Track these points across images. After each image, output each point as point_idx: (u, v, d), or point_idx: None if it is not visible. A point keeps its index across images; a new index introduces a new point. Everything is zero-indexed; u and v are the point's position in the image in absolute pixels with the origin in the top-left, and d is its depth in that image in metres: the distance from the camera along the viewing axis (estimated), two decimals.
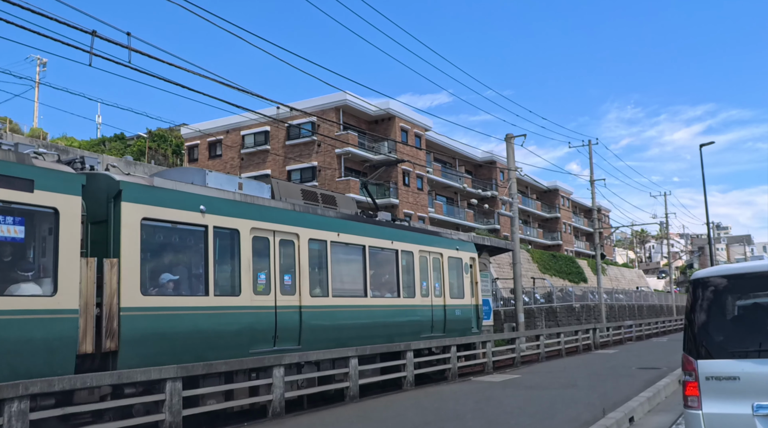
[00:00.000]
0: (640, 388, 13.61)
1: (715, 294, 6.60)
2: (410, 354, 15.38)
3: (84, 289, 9.27)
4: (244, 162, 52.78)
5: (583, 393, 13.28)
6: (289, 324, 12.68)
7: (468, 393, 14.01)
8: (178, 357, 10.35)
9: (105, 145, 60.39)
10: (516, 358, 21.07)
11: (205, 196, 11.41)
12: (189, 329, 10.68)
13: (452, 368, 17.14)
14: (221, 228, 11.57)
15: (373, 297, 15.35)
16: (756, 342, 6.08)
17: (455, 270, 18.83)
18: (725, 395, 6.06)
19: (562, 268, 58.21)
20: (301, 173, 50.03)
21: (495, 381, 16.33)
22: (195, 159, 55.60)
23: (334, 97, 48.29)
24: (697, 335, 6.45)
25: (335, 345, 13.60)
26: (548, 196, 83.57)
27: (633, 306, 53.68)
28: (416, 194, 53.13)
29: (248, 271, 11.94)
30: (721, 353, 6.23)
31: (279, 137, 51.44)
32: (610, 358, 22.46)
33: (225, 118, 53.29)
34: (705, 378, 6.20)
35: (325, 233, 14.01)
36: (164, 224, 10.73)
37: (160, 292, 10.51)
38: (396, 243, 16.34)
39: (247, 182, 13.18)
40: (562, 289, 42.69)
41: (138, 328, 9.87)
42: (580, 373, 17.19)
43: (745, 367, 5.99)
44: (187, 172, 12.46)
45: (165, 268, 10.83)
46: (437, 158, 61.23)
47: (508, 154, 27.50)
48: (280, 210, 13.00)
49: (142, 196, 10.26)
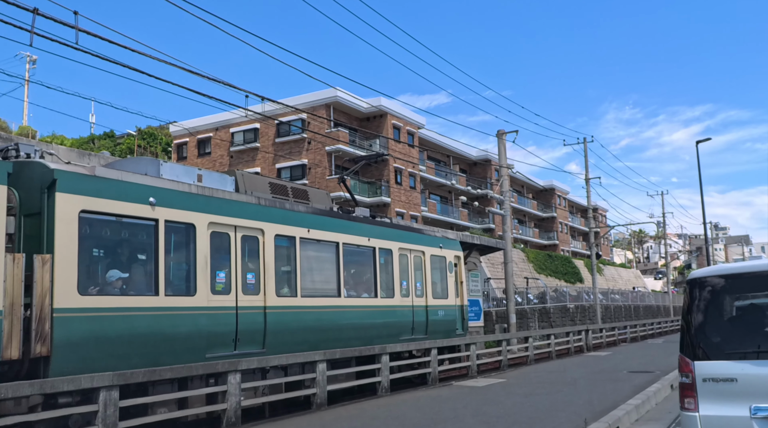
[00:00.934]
0: (629, 394, 12.73)
1: (713, 294, 6.38)
2: (385, 358, 14.43)
3: (9, 288, 8.37)
4: (234, 160, 51.69)
5: (568, 400, 12.39)
6: (252, 326, 11.77)
7: (446, 400, 13.08)
8: (124, 362, 9.47)
9: (94, 142, 59.47)
10: (503, 361, 20.22)
11: (155, 187, 10.48)
12: (136, 332, 9.76)
13: (432, 372, 16.16)
14: (174, 222, 10.66)
15: (347, 298, 14.44)
16: (754, 344, 5.88)
17: (438, 269, 17.92)
18: (722, 397, 5.86)
19: (558, 268, 57.21)
20: (291, 171, 48.99)
21: (477, 386, 15.42)
22: (184, 157, 54.24)
23: (324, 93, 47.23)
24: (694, 336, 6.25)
25: (305, 349, 12.72)
26: (544, 196, 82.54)
27: (629, 306, 52.80)
28: (408, 192, 52.00)
29: (205, 269, 11.02)
30: (719, 354, 6.03)
31: (269, 135, 50.38)
32: (601, 361, 21.56)
33: (214, 115, 52.11)
34: (702, 380, 6.00)
35: (294, 229, 13.09)
36: (107, 217, 9.81)
37: (102, 292, 9.60)
38: (373, 241, 15.42)
39: (208, 174, 12.30)
40: (556, 289, 41.95)
41: (74, 331, 8.97)
42: (568, 377, 16.36)
43: (742, 369, 5.80)
44: (140, 163, 11.56)
45: (108, 266, 9.91)
46: (431, 156, 60.16)
47: (499, 151, 26.78)
48: (243, 203, 12.08)
49: (80, 186, 9.35)
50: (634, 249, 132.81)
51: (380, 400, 13.36)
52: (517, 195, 75.02)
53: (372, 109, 50.19)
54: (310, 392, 12.45)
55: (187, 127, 50.68)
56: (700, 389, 6.00)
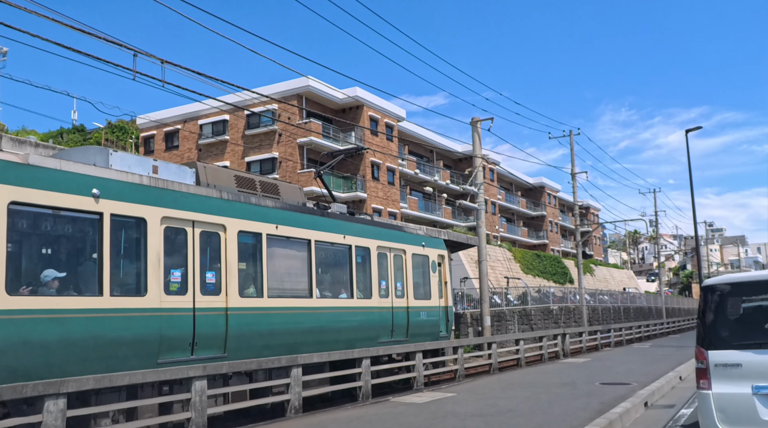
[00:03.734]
0: (591, 416, 10.53)
1: (722, 298, 7.75)
2: (296, 371, 11.85)
3: None
4: (202, 153, 49.25)
5: (513, 424, 10.17)
6: (211, 329, 10.86)
7: (370, 422, 10.71)
8: (60, 369, 8.55)
9: (63, 137, 58.10)
10: (458, 371, 17.18)
11: (99, 178, 9.56)
12: (76, 336, 8.85)
13: (363, 386, 13.32)
14: (122, 216, 9.74)
15: (320, 299, 13.54)
16: (755, 337, 7.34)
17: (420, 268, 17.01)
18: (730, 378, 7.28)
19: (546, 268, 55.40)
20: (261, 165, 46.47)
21: (418, 402, 12.77)
22: (151, 150, 51.83)
23: (295, 82, 44.59)
24: (708, 331, 7.63)
25: (273, 354, 11.81)
26: (534, 194, 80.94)
27: (618, 308, 50.41)
28: (387, 188, 49.48)
29: (157, 268, 10.11)
30: (727, 345, 7.43)
31: (239, 127, 47.94)
32: (575, 370, 18.68)
33: (182, 106, 49.44)
34: (714, 366, 7.40)
35: (260, 225, 12.18)
36: (42, 210, 8.90)
37: (37, 292, 8.68)
38: (350, 238, 14.52)
39: (165, 165, 11.35)
40: (539, 290, 39.81)
41: (2, 336, 8.05)
42: (528, 392, 13.85)
43: (746, 356, 7.24)
44: (88, 152, 10.64)
45: (43, 263, 8.98)
46: (413, 151, 57.75)
47: (474, 140, 25.02)
48: (201, 197, 11.16)
49: (9, 175, 8.44)
50: (629, 250, 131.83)
51: (290, 422, 11.02)
52: (505, 192, 73.59)
53: (348, 100, 47.74)
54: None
55: (155, 119, 48.64)
56: (712, 373, 7.41)
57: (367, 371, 13.39)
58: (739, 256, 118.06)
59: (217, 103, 35.93)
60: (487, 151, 61.94)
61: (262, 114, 36.71)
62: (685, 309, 73.74)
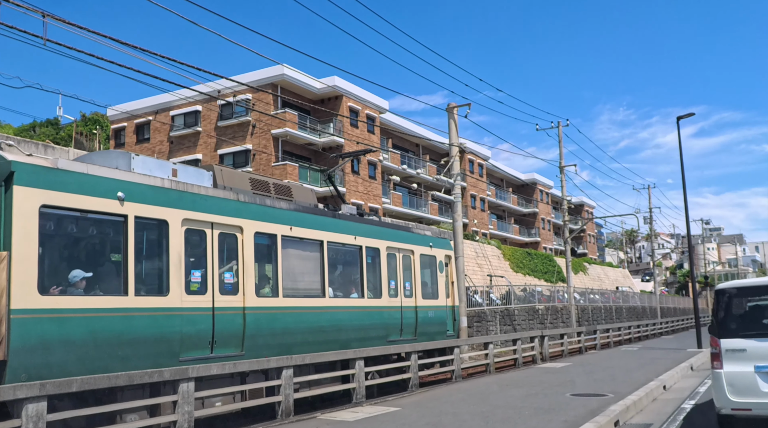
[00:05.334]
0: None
1: (730, 298, 9.85)
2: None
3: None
4: (174, 145, 47.71)
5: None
6: (230, 327, 11.17)
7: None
8: (88, 366, 8.85)
9: (35, 130, 57.44)
10: (411, 381, 15.09)
11: (124, 182, 9.85)
12: (102, 334, 9.14)
13: (284, 402, 11.31)
14: (145, 218, 10.04)
15: (333, 298, 13.86)
16: (757, 328, 9.45)
17: (428, 268, 17.34)
18: (737, 360, 9.32)
19: (537, 267, 54.64)
20: (234, 157, 45.01)
21: (348, 420, 11.03)
22: (122, 143, 50.50)
23: (270, 71, 42.77)
24: (720, 324, 9.68)
25: (287, 352, 12.13)
26: (526, 190, 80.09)
27: (610, 308, 49.07)
28: (368, 182, 47.84)
29: (179, 268, 10.41)
30: (735, 335, 9.50)
31: (211, 118, 46.30)
32: (548, 377, 16.84)
33: (153, 97, 47.58)
34: (725, 350, 9.45)
35: (275, 226, 12.48)
36: (71, 213, 9.18)
37: (66, 292, 8.96)
38: (360, 239, 14.84)
39: (184, 168, 11.63)
40: (524, 288, 38.28)
41: (34, 334, 8.34)
42: (484, 406, 11.97)
43: (750, 344, 9.31)
44: (110, 156, 10.89)
45: (73, 264, 9.26)
46: (397, 145, 56.13)
47: (449, 128, 23.86)
48: (220, 199, 11.45)
49: (41, 179, 8.72)
50: (626, 249, 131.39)
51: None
52: (495, 188, 72.85)
53: (326, 90, 45.90)
54: None
55: (126, 111, 47.32)
56: (723, 356, 9.43)
57: (288, 384, 11.46)
58: (737, 255, 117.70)
59: (190, 93, 35.12)
60: (476, 145, 60.95)
61: (236, 103, 35.55)
62: (681, 308, 72.00)
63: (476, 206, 65.04)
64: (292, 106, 44.94)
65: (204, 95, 19.20)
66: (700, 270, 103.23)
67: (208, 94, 17.85)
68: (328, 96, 46.82)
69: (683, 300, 79.75)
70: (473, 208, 64.20)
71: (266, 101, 43.63)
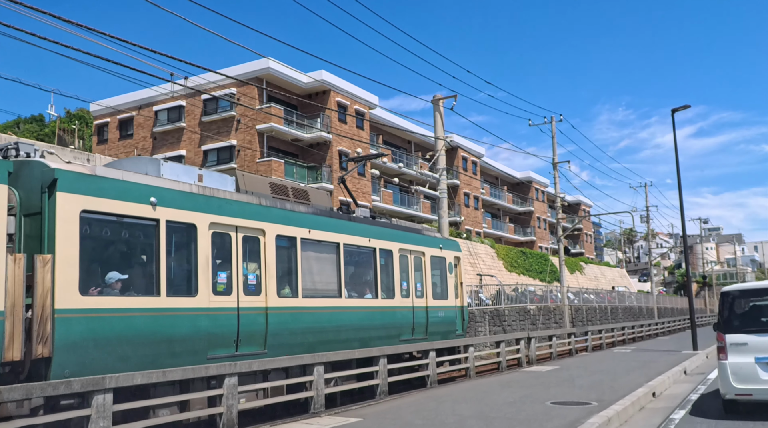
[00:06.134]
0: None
1: (734, 299, 11.52)
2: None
3: (11, 289, 8.22)
4: (157, 141, 46.79)
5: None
6: (253, 327, 11.68)
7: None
8: (124, 363, 9.34)
9: (19, 127, 56.87)
10: (379, 388, 13.83)
11: (157, 187, 10.35)
12: (137, 333, 9.63)
13: (226, 414, 10.32)
14: (175, 222, 10.53)
15: (348, 298, 14.36)
16: (757, 325, 11.12)
17: (438, 270, 17.87)
18: (740, 352, 10.86)
19: (532, 266, 53.37)
20: (218, 153, 44.14)
21: None
22: (105, 139, 49.45)
23: (254, 65, 41.61)
24: (725, 321, 11.30)
25: (305, 350, 12.65)
26: (521, 189, 78.92)
27: (605, 308, 48.04)
28: (357, 180, 46.25)
29: (206, 270, 10.90)
30: (738, 331, 11.08)
31: (195, 113, 45.14)
32: (532, 382, 15.75)
33: (137, 91, 46.12)
34: (730, 344, 11.00)
35: (295, 229, 12.99)
36: (108, 217, 9.67)
37: (103, 292, 9.45)
38: (374, 241, 15.36)
39: (209, 174, 12.17)
40: (515, 288, 37.15)
41: (76, 332, 8.83)
42: (453, 417, 10.95)
43: (750, 338, 10.86)
44: (140, 162, 11.41)
45: (109, 266, 9.75)
46: (388, 141, 54.65)
47: (435, 121, 23.40)
48: (244, 203, 11.96)
49: (81, 185, 9.21)
50: (625, 249, 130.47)
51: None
52: (489, 187, 71.91)
53: (313, 84, 44.67)
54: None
55: (110, 106, 46.36)
56: (728, 349, 10.97)
57: (231, 393, 10.41)
58: (736, 255, 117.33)
59: (175, 87, 35.48)
60: (470, 142, 61.30)
61: (221, 97, 33.92)
62: (679, 309, 70.50)
63: (470, 204, 64.06)
64: (277, 101, 43.64)
65: (188, 89, 19.14)
66: (698, 270, 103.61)
67: (191, 88, 18.01)
68: (316, 90, 45.50)
69: (681, 300, 78.63)
70: (466, 207, 63.25)
71: (251, 96, 42.63)
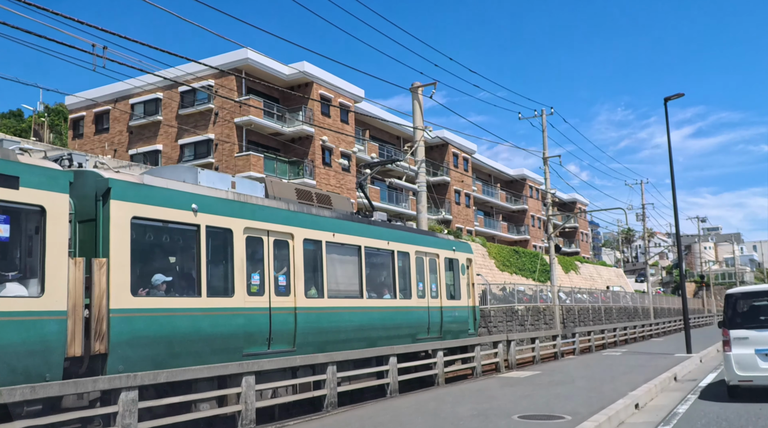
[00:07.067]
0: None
1: (737, 300, 13.57)
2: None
3: (72, 290, 8.93)
4: (134, 136, 45.48)
5: None
6: (283, 326, 12.40)
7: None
8: (171, 360, 10.04)
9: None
10: (326, 398, 12.20)
11: (197, 195, 11.06)
12: (181, 331, 10.35)
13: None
14: (214, 227, 11.23)
15: (369, 299, 15.07)
16: (757, 322, 12.98)
17: (451, 271, 18.61)
18: (742, 345, 12.72)
19: (525, 265, 52.11)
20: (195, 148, 42.62)
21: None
22: (80, 134, 47.90)
23: (232, 56, 40.08)
24: (729, 319, 13.23)
25: (330, 348, 13.35)
26: (515, 186, 76.98)
27: (599, 308, 46.56)
28: (340, 175, 45.37)
29: (242, 272, 11.62)
30: (740, 327, 12.99)
31: (172, 106, 43.65)
32: (505, 391, 14.41)
33: (113, 84, 44.44)
34: (733, 338, 12.88)
35: (321, 233, 13.72)
36: (155, 223, 10.38)
37: (151, 293, 10.16)
38: (392, 244, 16.09)
39: (240, 181, 12.87)
40: (503, 287, 35.62)
41: (128, 330, 9.54)
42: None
43: (751, 333, 12.74)
44: (178, 170, 12.12)
45: (156, 269, 10.46)
46: (375, 136, 53.19)
47: (414, 109, 22.78)
48: (274, 209, 12.67)
49: (131, 194, 9.92)
50: (623, 249, 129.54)
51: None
52: (482, 184, 70.36)
53: (296, 76, 43.08)
54: None
55: (85, 98, 45.28)
56: (732, 342, 12.85)
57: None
58: (734, 254, 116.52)
59: (152, 78, 33.39)
60: (462, 138, 60.53)
61: (199, 89, 32.88)
62: (676, 309, 68.71)
63: (461, 202, 62.52)
64: (257, 93, 42.32)
65: (165, 80, 18.87)
66: (696, 270, 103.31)
67: (168, 79, 18.09)
68: (298, 83, 43.89)
69: (678, 300, 75.47)
70: (457, 204, 61.75)
71: (230, 88, 41.36)
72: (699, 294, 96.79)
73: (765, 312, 13.28)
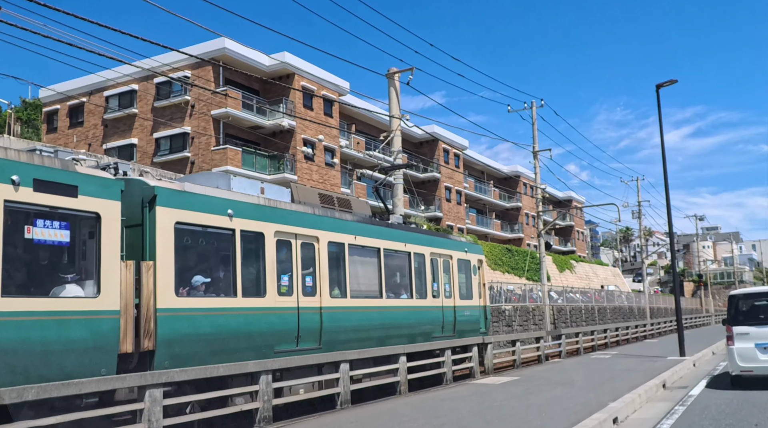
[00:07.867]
0: None
1: (739, 300, 15.30)
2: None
3: (124, 291, 9.56)
4: (108, 129, 44.19)
5: None
6: (310, 324, 13.03)
7: None
8: (210, 356, 10.66)
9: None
10: (259, 414, 10.92)
11: (232, 201, 11.70)
12: (219, 329, 10.98)
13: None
14: (248, 231, 11.87)
15: (387, 299, 15.71)
16: (757, 319, 14.62)
17: (464, 272, 19.26)
18: (743, 340, 14.37)
19: (518, 264, 50.42)
20: (171, 141, 41.13)
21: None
22: (54, 128, 46.55)
23: (208, 45, 38.61)
24: (733, 317, 14.90)
25: (352, 347, 13.96)
26: (509, 184, 75.36)
27: (592, 308, 45.70)
28: (324, 171, 43.99)
29: (272, 273, 12.26)
30: (742, 323, 14.65)
31: (148, 99, 42.31)
32: (472, 400, 13.24)
33: (88, 76, 42.76)
34: (736, 333, 14.53)
35: (343, 236, 14.35)
36: (195, 228, 11.02)
37: (192, 294, 10.80)
38: (409, 246, 16.73)
39: (268, 186, 13.52)
40: (491, 287, 33.81)
41: (172, 329, 10.17)
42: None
43: (751, 329, 14.39)
44: (211, 177, 12.80)
45: (196, 270, 11.10)
46: (361, 130, 51.33)
47: (390, 97, 21.83)
48: (302, 213, 13.32)
49: (175, 200, 10.56)
50: (621, 248, 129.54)
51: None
52: (474, 181, 68.61)
53: (276, 66, 41.40)
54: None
55: (61, 91, 44.08)
56: (735, 337, 14.51)
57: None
58: (733, 253, 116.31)
59: (127, 70, 33.18)
60: (452, 134, 59.11)
61: (175, 80, 32.02)
62: (673, 309, 58.84)
63: (451, 199, 61.14)
64: (235, 85, 40.80)
65: (138, 69, 18.13)
66: (694, 269, 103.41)
67: (141, 67, 17.74)
68: (279, 74, 42.09)
69: None
70: (448, 201, 60.45)
71: (207, 79, 39.94)
72: (697, 294, 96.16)
73: (764, 311, 14.89)
